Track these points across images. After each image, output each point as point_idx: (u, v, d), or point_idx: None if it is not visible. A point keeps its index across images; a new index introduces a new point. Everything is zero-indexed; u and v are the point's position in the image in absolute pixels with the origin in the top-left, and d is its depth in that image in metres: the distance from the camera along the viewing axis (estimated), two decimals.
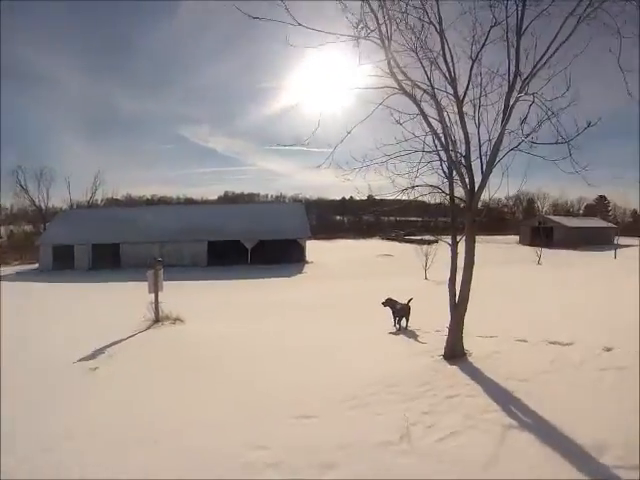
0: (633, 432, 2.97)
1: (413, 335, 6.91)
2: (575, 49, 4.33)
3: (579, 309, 8.57)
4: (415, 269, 20.23)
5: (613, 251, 30.29)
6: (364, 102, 5.38)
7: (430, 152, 5.33)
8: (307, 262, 29.41)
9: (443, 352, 5.26)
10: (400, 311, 7.37)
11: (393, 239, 49.34)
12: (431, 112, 5.21)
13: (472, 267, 5.19)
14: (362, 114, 5.30)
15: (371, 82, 5.29)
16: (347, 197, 67.89)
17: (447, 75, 5.13)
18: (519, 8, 4.49)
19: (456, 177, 5.29)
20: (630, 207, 57.18)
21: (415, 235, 30.51)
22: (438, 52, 5.08)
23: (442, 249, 21.00)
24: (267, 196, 78.07)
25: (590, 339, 5.60)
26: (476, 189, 5.14)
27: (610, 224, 50.07)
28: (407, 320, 7.38)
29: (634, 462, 2.64)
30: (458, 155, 5.16)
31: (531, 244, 35.75)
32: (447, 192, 5.45)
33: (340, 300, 12.77)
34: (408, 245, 34.17)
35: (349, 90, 5.53)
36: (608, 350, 5.15)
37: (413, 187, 5.50)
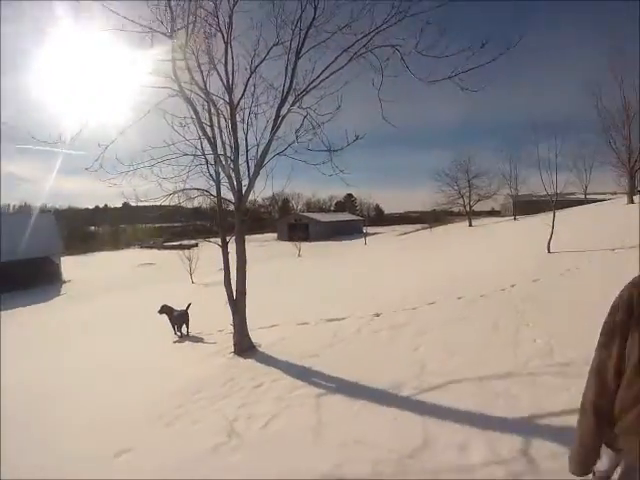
0: (418, 367, 4.52)
1: (198, 339, 7.61)
2: (348, 76, 5.82)
3: (345, 289, 11.14)
4: (180, 274, 21.75)
5: (363, 238, 40.79)
6: (137, 102, 5.84)
7: (199, 156, 6.15)
8: (64, 281, 28.73)
9: (233, 349, 6.08)
10: (179, 318, 8.04)
11: (152, 247, 53.74)
12: (204, 116, 5.99)
13: (245, 265, 6.21)
14: (133, 114, 5.76)
15: (149, 81, 5.65)
16: (101, 205, 70.20)
17: (225, 82, 5.99)
18: (301, 34, 5.63)
19: (224, 180, 6.21)
20: (373, 203, 77.30)
21: (174, 241, 32.13)
22: (219, 59, 5.92)
23: (204, 252, 22.47)
24: (9, 206, 68.49)
25: (360, 311, 7.44)
26: (244, 191, 6.15)
27: (358, 217, 65.87)
28: (187, 326, 8.08)
29: (426, 391, 4.01)
30: (228, 159, 6.05)
31: (289, 239, 43.46)
32: (215, 195, 6.36)
33: (113, 317, 12.72)
34: (167, 252, 36.36)
35: (120, 87, 5.82)
36: (377, 315, 7.09)
37: (183, 190, 6.25)
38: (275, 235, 56.29)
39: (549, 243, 11.23)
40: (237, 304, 6.15)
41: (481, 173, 45.78)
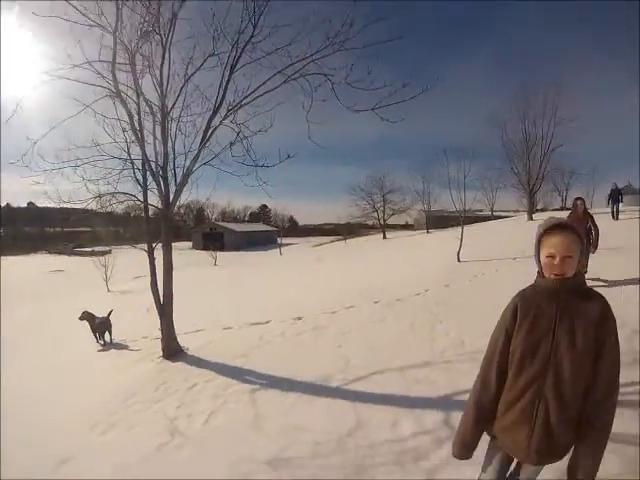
0: (343, 362, 4.87)
1: (122, 346, 7.33)
2: (281, 98, 5.97)
3: (264, 296, 11.32)
4: (94, 282, 20.41)
5: (278, 249, 40.96)
6: (67, 98, 5.58)
7: (129, 160, 5.99)
8: None
9: (162, 353, 5.99)
10: (101, 325, 7.70)
11: (61, 252, 50.16)
12: (134, 120, 5.85)
13: (172, 269, 6.17)
14: (62, 111, 5.57)
15: (84, 77, 5.45)
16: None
17: (159, 88, 5.91)
18: (238, 49, 5.70)
19: (152, 186, 6.14)
20: (288, 214, 75.95)
21: (85, 247, 30.10)
22: (156, 63, 5.82)
23: (118, 259, 21.41)
24: None
25: (282, 316, 7.64)
26: (171, 198, 6.12)
27: (273, 228, 65.98)
28: (110, 333, 7.77)
29: (353, 382, 4.38)
30: (157, 166, 6.00)
31: (204, 248, 43.07)
32: (142, 200, 6.22)
33: (31, 328, 11.65)
34: (78, 258, 34.04)
35: (55, 80, 5.43)
36: (299, 319, 7.33)
37: (113, 194, 6.07)
38: (190, 244, 54.71)
39: (459, 253, 12.08)
40: (164, 308, 6.09)
41: (395, 189, 47.95)
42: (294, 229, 77.49)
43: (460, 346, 4.91)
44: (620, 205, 18.52)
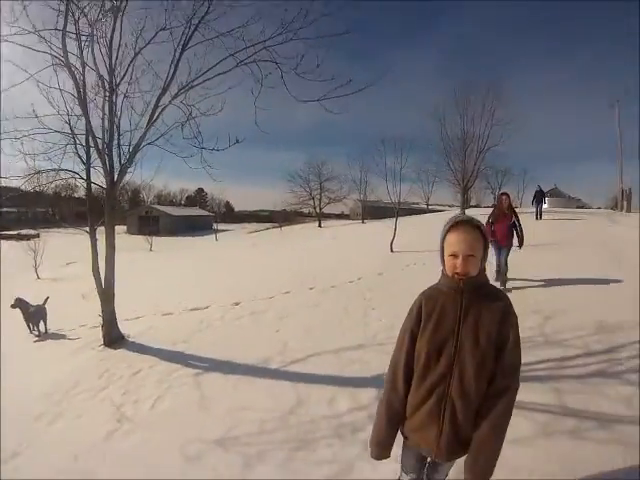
0: (281, 345, 5.08)
1: (60, 336, 6.93)
2: (233, 82, 5.78)
3: (202, 282, 11.20)
4: (22, 268, 18.86)
5: (214, 235, 40.06)
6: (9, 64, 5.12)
7: (71, 135, 5.57)
8: None
9: (102, 341, 5.77)
10: (37, 314, 7.22)
11: None
12: (79, 92, 5.39)
13: (114, 253, 5.92)
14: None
15: (27, 42, 4.99)
16: None
17: (108, 60, 5.49)
18: (191, 26, 5.41)
19: (96, 164, 5.75)
20: (224, 199, 73.77)
21: (10, 229, 27.57)
22: (104, 33, 5.40)
23: (49, 243, 19.82)
24: None
25: (220, 301, 7.70)
26: (115, 177, 5.77)
27: (209, 213, 64.14)
28: (45, 322, 7.27)
29: (292, 363, 4.55)
30: (103, 142, 5.62)
31: (139, 233, 40.79)
32: (85, 178, 5.79)
33: None
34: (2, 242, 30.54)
35: None
36: (237, 304, 7.43)
37: (57, 170, 5.69)
38: (125, 228, 50.43)
39: (392, 243, 12.53)
40: (106, 293, 5.83)
41: (333, 177, 47.58)
42: (230, 215, 75.16)
43: (391, 330, 5.18)
44: (544, 206, 19.52)
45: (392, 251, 12.20)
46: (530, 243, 9.18)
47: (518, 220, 7.07)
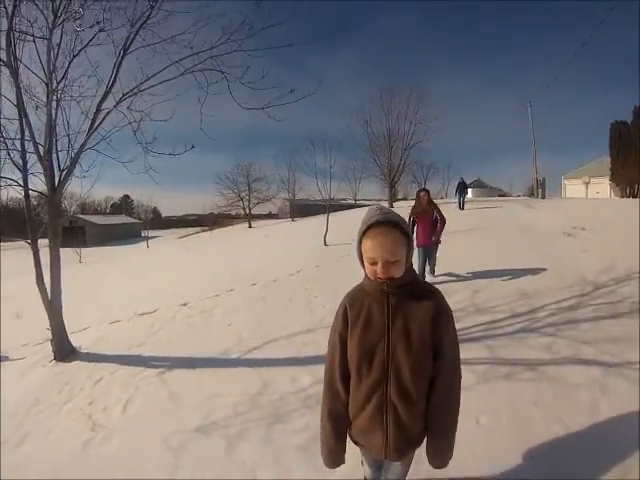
0: (237, 337, 5.23)
1: (2, 358, 6.23)
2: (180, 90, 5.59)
3: (143, 288, 11.00)
4: None
5: (145, 242, 38.69)
6: None
7: (2, 140, 5.13)
8: None
9: (53, 356, 5.43)
10: None
11: None
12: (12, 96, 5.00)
13: (59, 263, 5.60)
14: None
15: None
16: None
17: (46, 61, 5.12)
18: (133, 30, 5.14)
19: (35, 171, 5.37)
20: (152, 205, 69.11)
21: None
22: (44, 32, 4.99)
23: None
24: None
25: (167, 304, 7.63)
26: (57, 184, 5.39)
27: (137, 220, 61.56)
28: None
29: (249, 352, 4.68)
30: (42, 147, 5.26)
31: (63, 245, 37.78)
32: (23, 185, 5.35)
33: None
34: None
35: None
36: (185, 305, 7.40)
37: None
38: (47, 241, 46.54)
39: (325, 238, 12.91)
40: (53, 306, 5.49)
41: (260, 177, 46.85)
42: (157, 221, 71.43)
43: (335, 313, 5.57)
44: (466, 197, 20.11)
45: (326, 245, 12.58)
46: (455, 230, 10.07)
47: (440, 214, 6.78)
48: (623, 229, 10.14)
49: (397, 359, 1.47)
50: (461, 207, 18.66)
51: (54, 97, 5.26)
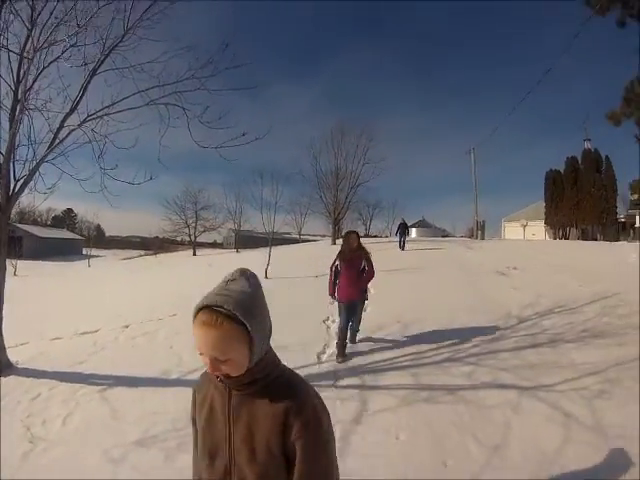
0: (177, 359, 5.38)
1: None
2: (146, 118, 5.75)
3: (84, 308, 10.70)
4: None
5: (86, 260, 36.81)
6: None
7: None
8: None
9: None
10: None
11: None
12: None
13: (4, 276, 5.52)
14: None
15: None
16: None
17: (15, 68, 5.18)
18: (104, 51, 5.26)
19: None
20: (95, 222, 67.85)
21: None
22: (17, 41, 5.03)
23: None
24: None
25: (109, 325, 7.64)
26: (16, 191, 5.34)
27: (77, 236, 58.91)
28: None
29: (190, 373, 4.83)
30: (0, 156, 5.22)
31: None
32: None
33: None
34: None
35: None
36: (127, 327, 7.47)
37: None
38: None
39: (266, 270, 13.00)
40: None
41: (208, 206, 46.27)
42: (100, 240, 67.83)
43: (272, 341, 5.82)
44: (408, 237, 20.53)
45: (267, 277, 12.71)
46: (396, 268, 10.63)
47: (369, 263, 5.74)
48: (551, 268, 11.17)
49: (240, 468, 1.15)
50: (401, 247, 19.04)
51: (18, 106, 5.26)
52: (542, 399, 4.00)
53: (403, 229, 19.96)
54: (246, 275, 1.20)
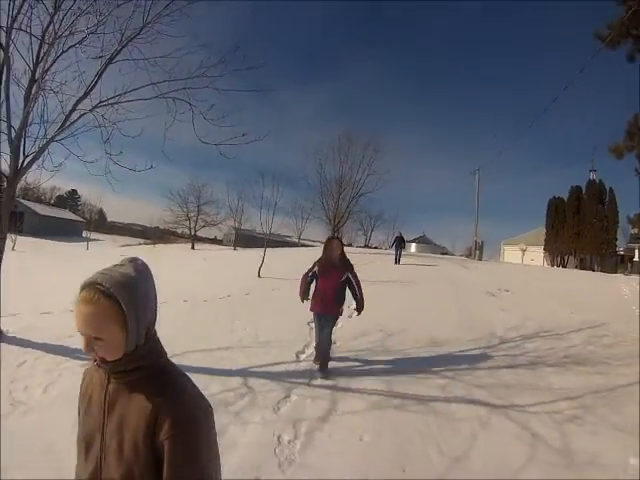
0: (165, 344, 5.47)
1: None
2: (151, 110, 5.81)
3: (76, 285, 10.95)
4: None
5: (85, 243, 36.58)
6: None
7: None
8: None
9: None
10: None
11: None
12: None
13: (4, 245, 5.70)
14: None
15: None
16: None
17: (34, 51, 5.30)
18: (122, 41, 5.36)
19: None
20: (99, 205, 64.60)
21: None
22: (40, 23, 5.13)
23: None
24: None
25: None
26: (24, 166, 5.49)
27: (80, 218, 58.20)
28: None
29: (172, 357, 4.98)
30: (13, 131, 5.35)
31: None
32: None
33: None
34: None
35: None
36: None
37: None
38: None
39: (259, 270, 13.11)
40: None
41: (211, 201, 46.03)
42: (101, 224, 66.21)
43: (254, 337, 6.19)
44: (403, 251, 19.93)
45: (259, 276, 12.83)
46: (388, 279, 10.74)
47: (355, 276, 5.12)
48: (543, 294, 11.28)
49: (109, 462, 1.05)
50: (397, 261, 18.73)
51: (35, 86, 5.39)
52: (512, 418, 4.09)
53: (399, 242, 19.48)
54: (135, 262, 1.14)
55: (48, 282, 12.03)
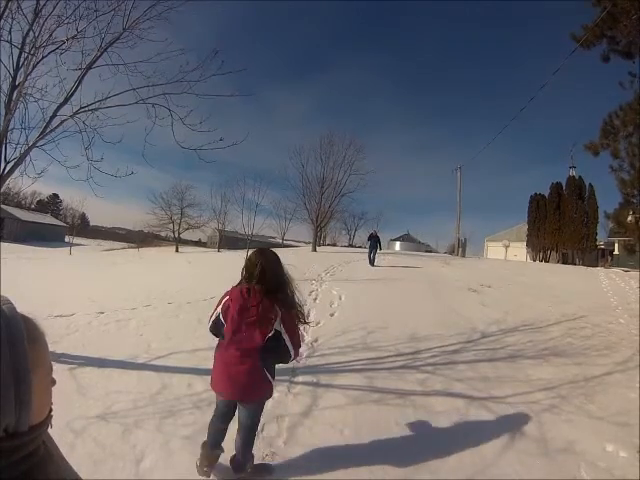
0: (146, 345, 5.67)
1: None
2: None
3: (61, 293, 10.72)
4: None
5: (67, 248, 36.32)
6: None
7: None
8: None
9: None
10: None
11: None
12: None
13: None
14: None
15: None
16: None
17: (14, 56, 5.20)
18: (102, 46, 5.32)
19: None
20: (81, 210, 66.26)
21: None
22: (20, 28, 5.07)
23: None
24: None
25: (84, 311, 7.76)
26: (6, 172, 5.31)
27: (61, 222, 57.69)
28: None
29: (155, 359, 5.13)
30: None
31: None
32: None
33: None
34: None
35: None
36: (102, 313, 7.59)
37: None
38: None
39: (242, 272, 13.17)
40: None
41: (195, 204, 45.63)
42: (85, 229, 66.10)
43: None
44: (379, 250, 17.59)
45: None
46: (369, 278, 10.84)
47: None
48: (524, 288, 11.56)
49: None
50: (371, 262, 16.23)
51: (15, 92, 5.32)
52: (490, 409, 4.29)
53: (374, 242, 16.37)
54: None
55: (30, 288, 11.87)
